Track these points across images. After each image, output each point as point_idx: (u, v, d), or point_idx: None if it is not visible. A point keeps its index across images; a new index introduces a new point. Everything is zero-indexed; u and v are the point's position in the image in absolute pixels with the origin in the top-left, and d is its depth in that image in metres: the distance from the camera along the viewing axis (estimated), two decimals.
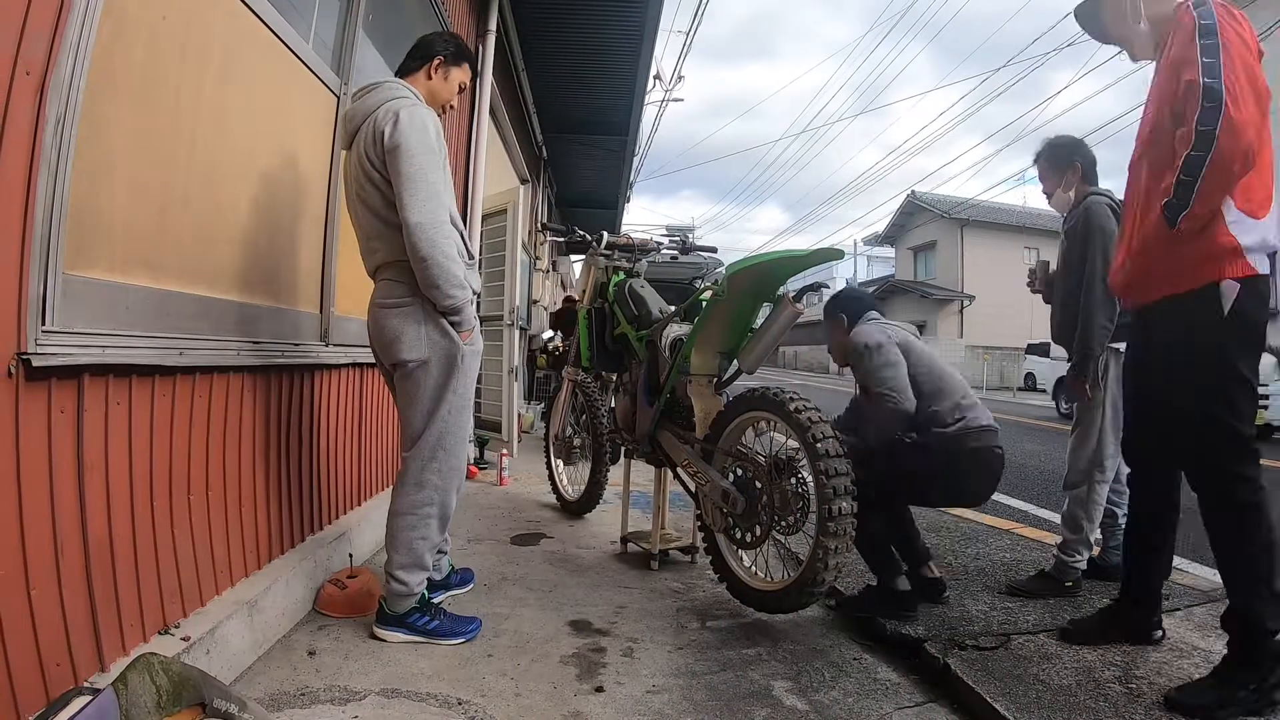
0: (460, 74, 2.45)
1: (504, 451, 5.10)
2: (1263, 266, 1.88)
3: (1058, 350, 2.90)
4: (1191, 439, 1.97)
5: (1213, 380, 1.92)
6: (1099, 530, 2.88)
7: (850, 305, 2.92)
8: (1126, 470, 2.53)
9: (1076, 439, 2.83)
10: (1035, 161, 3.03)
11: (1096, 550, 2.96)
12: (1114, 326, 2.65)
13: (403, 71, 2.37)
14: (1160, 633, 2.28)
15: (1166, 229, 1.89)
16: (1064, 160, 2.90)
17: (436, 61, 2.38)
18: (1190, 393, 1.95)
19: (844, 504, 2.20)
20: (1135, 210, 2.07)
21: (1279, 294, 1.93)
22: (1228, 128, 1.74)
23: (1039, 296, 3.05)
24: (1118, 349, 2.67)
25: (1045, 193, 3.02)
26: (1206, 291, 1.89)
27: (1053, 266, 3.04)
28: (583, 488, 4.06)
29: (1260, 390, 13.23)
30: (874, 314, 2.87)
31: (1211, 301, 1.88)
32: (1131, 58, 2.19)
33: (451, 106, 2.49)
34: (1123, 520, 2.86)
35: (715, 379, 2.92)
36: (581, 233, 3.64)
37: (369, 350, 2.94)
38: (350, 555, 2.76)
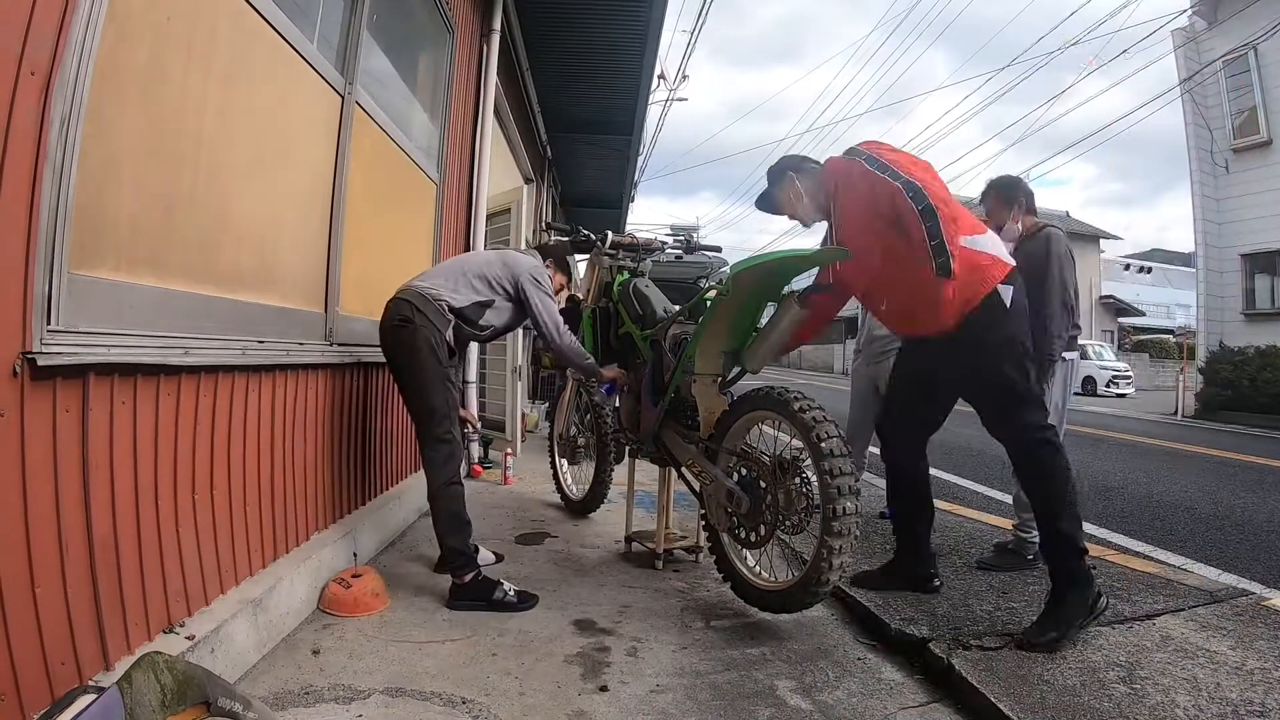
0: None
1: (508, 451, 5.10)
2: (1010, 260, 2.48)
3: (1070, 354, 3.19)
4: (1002, 407, 2.46)
5: (1016, 359, 2.43)
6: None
7: None
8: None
9: None
10: (983, 198, 3.47)
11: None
12: (1066, 339, 3.15)
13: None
14: (938, 582, 2.78)
15: (946, 278, 2.32)
16: (1011, 196, 3.33)
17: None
18: (1002, 374, 2.42)
19: (848, 504, 2.19)
20: (895, 293, 2.59)
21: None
22: (930, 196, 2.30)
23: None
24: (1064, 357, 3.17)
25: (994, 225, 3.33)
26: (991, 299, 2.39)
27: None
28: (587, 487, 4.06)
29: None
30: None
31: (998, 304, 2.39)
32: (804, 225, 2.81)
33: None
34: None
35: (720, 378, 2.92)
36: (586, 232, 3.64)
37: (373, 349, 2.95)
38: (355, 554, 2.77)
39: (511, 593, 2.62)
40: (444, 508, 2.65)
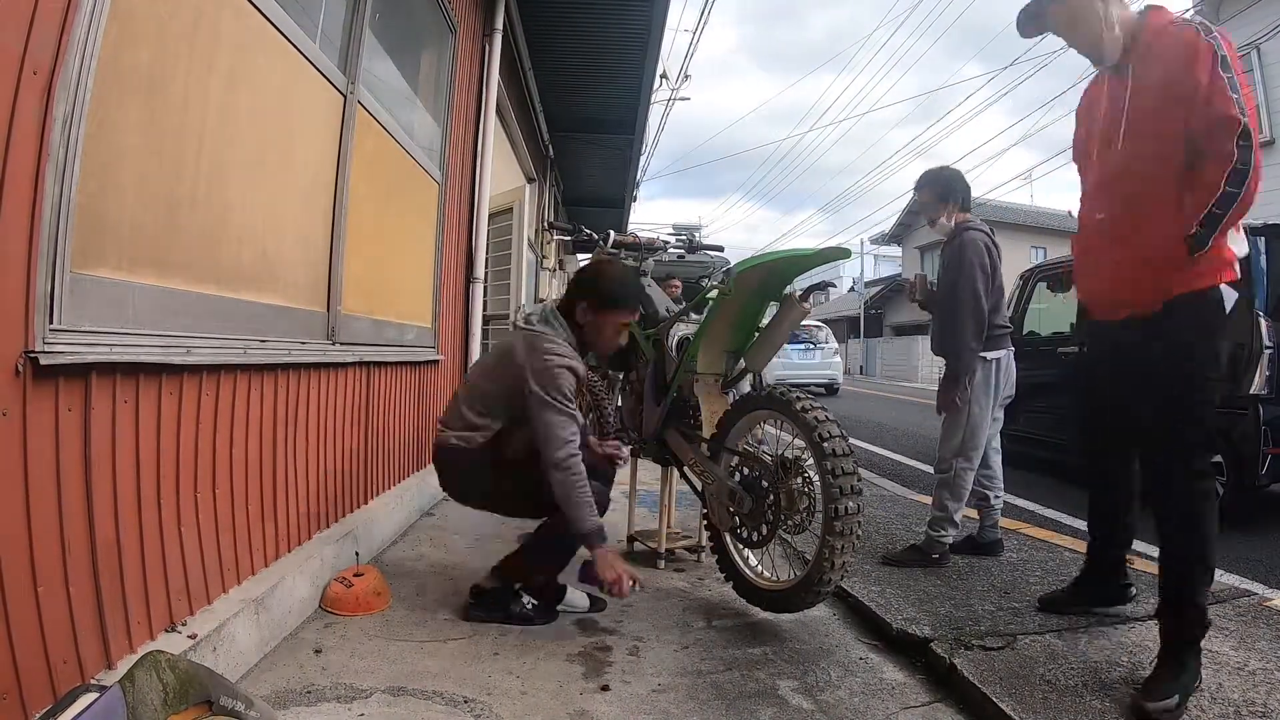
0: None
1: None
2: (1237, 273, 2.03)
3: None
4: (1169, 430, 2.03)
5: (1201, 379, 2.00)
6: (977, 511, 3.37)
7: None
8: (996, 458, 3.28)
9: (945, 432, 3.20)
10: (918, 189, 3.38)
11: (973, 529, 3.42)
12: (981, 345, 3.05)
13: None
14: (1133, 590, 2.52)
15: (1175, 248, 1.93)
16: (948, 192, 3.24)
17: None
18: (1180, 390, 2.01)
19: (850, 503, 2.19)
20: (1114, 230, 2.12)
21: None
22: (1256, 165, 1.83)
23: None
24: (985, 358, 3.08)
25: (927, 219, 3.35)
26: (1212, 294, 1.99)
27: (932, 280, 3.44)
28: None
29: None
30: None
31: (1216, 304, 1.99)
32: (1095, 61, 2.20)
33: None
34: (995, 502, 3.32)
35: (722, 378, 2.92)
36: (588, 231, 3.64)
37: (376, 349, 2.96)
38: (356, 553, 2.77)
39: (529, 605, 2.49)
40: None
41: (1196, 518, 1.98)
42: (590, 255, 3.69)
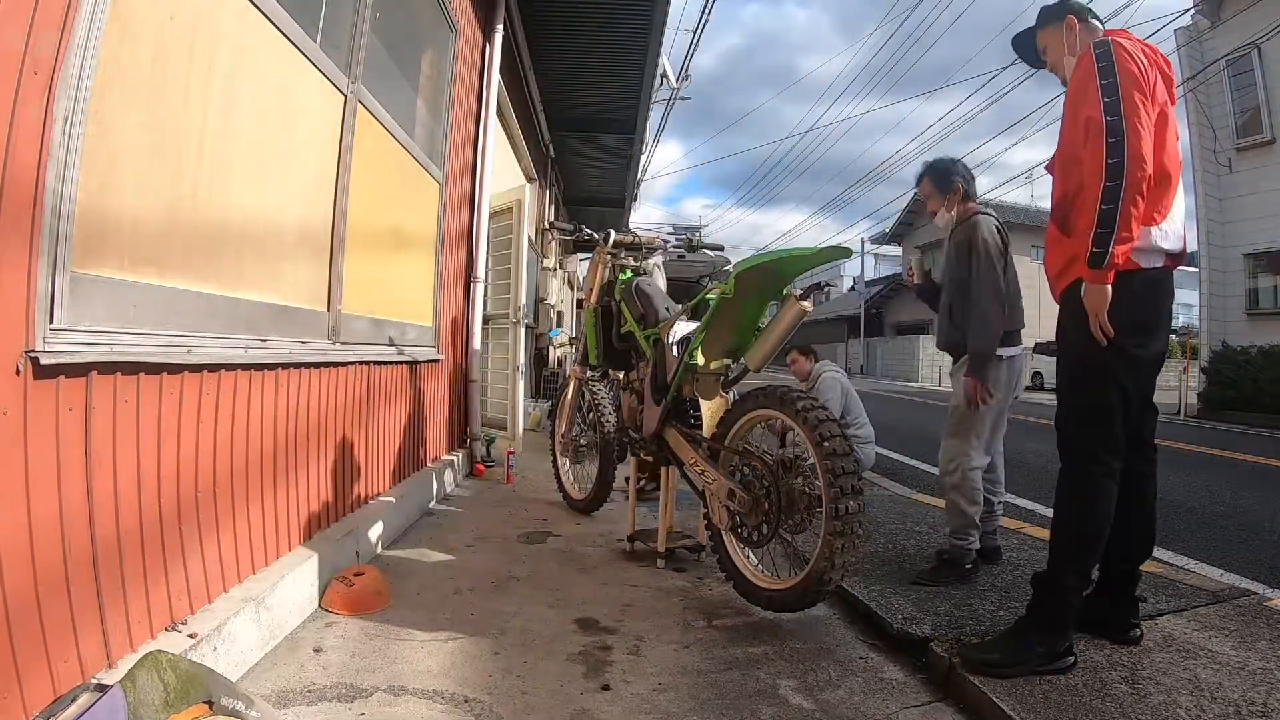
0: None
1: (510, 449, 5.10)
2: (1144, 261, 2.03)
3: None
4: (1061, 419, 2.18)
5: (1075, 369, 2.14)
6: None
7: None
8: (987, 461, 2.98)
9: (953, 432, 2.97)
10: (918, 181, 3.21)
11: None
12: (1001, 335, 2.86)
13: None
14: (1137, 631, 2.24)
15: (1058, 232, 2.13)
16: (948, 182, 3.07)
17: None
18: (1064, 379, 2.20)
19: (851, 503, 2.19)
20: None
21: None
22: (1133, 152, 1.88)
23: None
24: (1000, 355, 2.88)
25: (929, 211, 3.18)
26: (1073, 289, 2.07)
27: (934, 270, 3.41)
28: (590, 486, 4.06)
29: None
30: None
31: (1076, 299, 2.06)
32: (1064, 84, 2.27)
33: None
34: (997, 507, 3.15)
35: (722, 377, 2.92)
36: (589, 231, 3.64)
37: (376, 348, 2.96)
38: (357, 553, 2.77)
39: None
40: None
41: (1076, 506, 2.11)
42: (590, 255, 3.69)
